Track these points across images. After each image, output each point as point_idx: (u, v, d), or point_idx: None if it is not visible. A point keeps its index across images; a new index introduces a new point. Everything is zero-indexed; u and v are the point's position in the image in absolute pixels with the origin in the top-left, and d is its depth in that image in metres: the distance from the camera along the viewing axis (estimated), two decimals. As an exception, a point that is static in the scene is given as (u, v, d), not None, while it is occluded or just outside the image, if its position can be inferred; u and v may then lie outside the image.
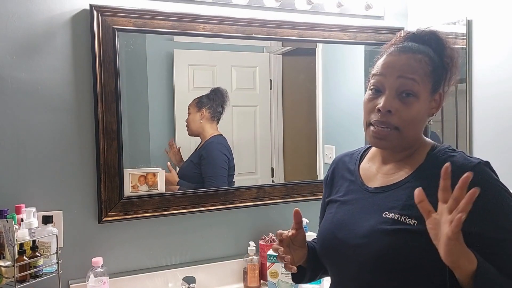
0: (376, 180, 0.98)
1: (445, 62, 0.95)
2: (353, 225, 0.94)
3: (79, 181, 1.56)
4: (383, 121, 0.90)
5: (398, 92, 0.90)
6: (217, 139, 1.82)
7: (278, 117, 1.95)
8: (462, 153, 0.92)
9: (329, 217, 1.03)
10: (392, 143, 0.92)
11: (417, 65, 0.91)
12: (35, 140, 1.50)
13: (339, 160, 1.13)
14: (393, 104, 0.90)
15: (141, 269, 1.65)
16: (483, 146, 1.74)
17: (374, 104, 0.92)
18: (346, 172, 1.07)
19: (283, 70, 1.96)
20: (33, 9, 1.49)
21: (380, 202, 0.93)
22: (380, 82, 0.92)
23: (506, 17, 1.64)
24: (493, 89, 1.70)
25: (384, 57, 0.95)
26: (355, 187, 1.01)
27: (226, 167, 1.81)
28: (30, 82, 1.49)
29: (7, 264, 1.29)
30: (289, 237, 0.99)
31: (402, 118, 0.90)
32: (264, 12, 1.80)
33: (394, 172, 0.96)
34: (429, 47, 0.95)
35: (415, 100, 0.90)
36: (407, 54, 0.92)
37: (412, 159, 0.95)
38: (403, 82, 0.90)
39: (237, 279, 1.75)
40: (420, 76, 0.90)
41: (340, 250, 0.95)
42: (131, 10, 1.57)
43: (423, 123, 0.95)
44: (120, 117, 1.58)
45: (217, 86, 1.80)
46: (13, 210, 1.41)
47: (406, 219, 0.87)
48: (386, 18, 2.04)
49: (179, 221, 1.71)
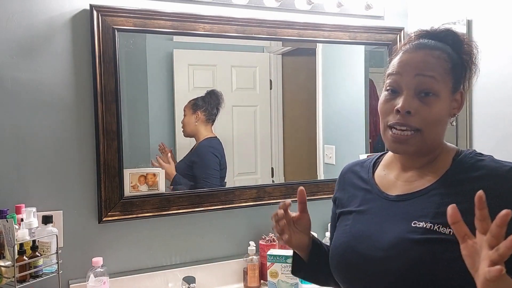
0: (396, 188, 0.91)
1: (464, 59, 0.89)
2: (376, 236, 0.86)
3: (79, 181, 1.56)
4: (403, 123, 0.84)
5: (417, 91, 0.84)
6: (209, 142, 1.82)
7: (278, 117, 1.95)
8: (491, 157, 0.86)
9: (345, 229, 0.94)
10: (413, 147, 0.85)
11: (435, 61, 0.85)
12: (35, 140, 1.50)
13: (347, 170, 1.06)
14: (412, 104, 0.83)
15: (141, 269, 1.65)
16: (483, 147, 1.74)
17: (391, 105, 0.86)
18: (359, 181, 0.99)
19: (283, 70, 1.96)
20: (33, 9, 1.49)
21: (406, 210, 0.85)
22: (397, 81, 0.86)
23: (506, 17, 1.64)
24: (493, 89, 1.70)
25: (399, 55, 0.88)
26: (372, 195, 0.93)
27: (218, 168, 1.83)
28: (30, 82, 1.49)
29: (7, 264, 1.29)
30: (292, 218, 0.96)
31: (423, 119, 0.83)
32: (264, 12, 1.80)
33: (417, 179, 0.89)
34: (446, 44, 0.89)
35: (435, 99, 0.84)
36: (424, 51, 0.86)
37: (436, 165, 0.88)
38: (421, 80, 0.84)
39: (237, 279, 1.75)
40: (439, 73, 0.84)
41: (362, 265, 0.86)
42: (131, 10, 1.57)
43: (445, 125, 0.88)
44: (120, 117, 1.58)
45: (212, 89, 1.81)
46: (13, 210, 1.41)
47: (440, 228, 0.79)
48: (386, 18, 2.04)
49: (179, 221, 1.71)
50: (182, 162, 1.77)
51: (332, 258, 0.95)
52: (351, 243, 0.90)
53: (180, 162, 1.77)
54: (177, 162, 1.76)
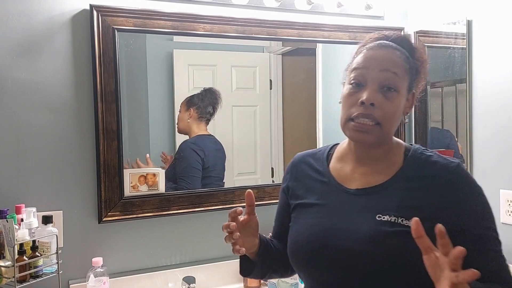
0: (354, 181, 0.95)
1: (416, 64, 0.96)
2: (347, 230, 0.89)
3: (79, 181, 1.56)
4: (367, 114, 0.88)
5: (381, 85, 0.89)
6: (195, 139, 1.78)
7: (278, 117, 1.95)
8: (436, 153, 0.94)
9: (308, 222, 0.96)
10: (373, 138, 0.90)
11: (398, 60, 0.91)
12: (35, 140, 1.50)
13: (299, 160, 1.07)
14: (376, 97, 0.88)
15: (141, 269, 1.65)
16: (483, 146, 1.74)
17: (356, 97, 0.90)
18: (315, 173, 1.01)
19: (283, 70, 1.96)
20: (33, 9, 1.49)
21: (369, 204, 0.90)
22: (362, 75, 0.91)
23: (506, 17, 1.64)
24: (493, 89, 1.70)
25: (364, 52, 0.94)
26: (331, 188, 0.97)
27: (199, 167, 1.76)
28: (30, 82, 1.49)
29: (7, 264, 1.29)
30: (241, 222, 0.95)
31: (384, 112, 0.88)
32: (264, 12, 1.80)
33: (373, 173, 0.94)
34: (403, 48, 0.95)
35: (396, 95, 0.90)
36: (388, 49, 0.92)
37: (390, 159, 0.94)
38: (386, 75, 0.89)
39: (237, 279, 1.74)
40: (401, 71, 0.90)
41: (337, 258, 0.89)
42: (131, 10, 1.57)
43: (399, 120, 0.94)
44: (120, 117, 1.58)
45: (210, 86, 1.79)
46: (13, 210, 1.41)
47: (404, 221, 0.85)
48: (386, 18, 2.04)
49: (179, 221, 1.71)
50: (170, 164, 1.75)
51: (296, 252, 0.97)
52: (320, 236, 0.92)
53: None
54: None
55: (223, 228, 0.93)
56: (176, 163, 1.75)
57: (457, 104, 1.87)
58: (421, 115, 2.02)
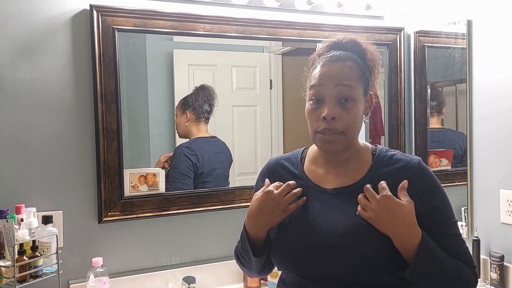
0: (329, 182, 1.03)
1: (368, 65, 1.04)
2: (330, 227, 0.97)
3: (79, 181, 1.56)
4: (330, 128, 0.97)
5: (338, 98, 0.97)
6: (191, 142, 1.76)
7: (278, 117, 1.95)
8: (398, 151, 1.06)
9: (291, 222, 1.02)
10: (340, 147, 0.99)
11: (349, 71, 0.99)
12: (35, 140, 1.50)
13: (275, 163, 1.13)
14: (335, 111, 0.96)
15: (141, 269, 1.65)
16: (483, 146, 1.74)
17: (318, 113, 0.99)
18: (291, 176, 1.08)
19: (283, 70, 1.96)
20: (33, 9, 1.49)
21: (346, 201, 0.99)
22: (320, 92, 0.99)
23: (506, 17, 1.64)
24: (493, 89, 1.70)
25: (318, 68, 1.01)
26: (309, 189, 1.03)
27: (189, 174, 1.73)
28: (30, 82, 1.49)
29: (7, 264, 1.29)
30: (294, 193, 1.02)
31: (345, 123, 0.97)
32: (264, 12, 1.80)
33: (346, 174, 1.03)
34: (354, 53, 1.03)
35: (353, 104, 0.98)
36: (339, 63, 0.99)
37: (359, 159, 1.04)
38: (340, 89, 0.97)
39: (237, 279, 1.75)
40: (353, 81, 0.98)
41: (324, 253, 0.95)
42: (131, 10, 1.57)
43: (361, 123, 1.03)
44: (120, 117, 1.58)
45: (202, 84, 1.77)
46: (13, 210, 1.41)
47: None
48: (386, 18, 2.04)
49: (179, 221, 1.71)
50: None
51: (282, 249, 1.01)
52: (307, 234, 0.98)
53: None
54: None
55: (286, 185, 1.01)
56: (170, 166, 1.72)
57: (457, 104, 1.87)
58: (421, 115, 2.02)
